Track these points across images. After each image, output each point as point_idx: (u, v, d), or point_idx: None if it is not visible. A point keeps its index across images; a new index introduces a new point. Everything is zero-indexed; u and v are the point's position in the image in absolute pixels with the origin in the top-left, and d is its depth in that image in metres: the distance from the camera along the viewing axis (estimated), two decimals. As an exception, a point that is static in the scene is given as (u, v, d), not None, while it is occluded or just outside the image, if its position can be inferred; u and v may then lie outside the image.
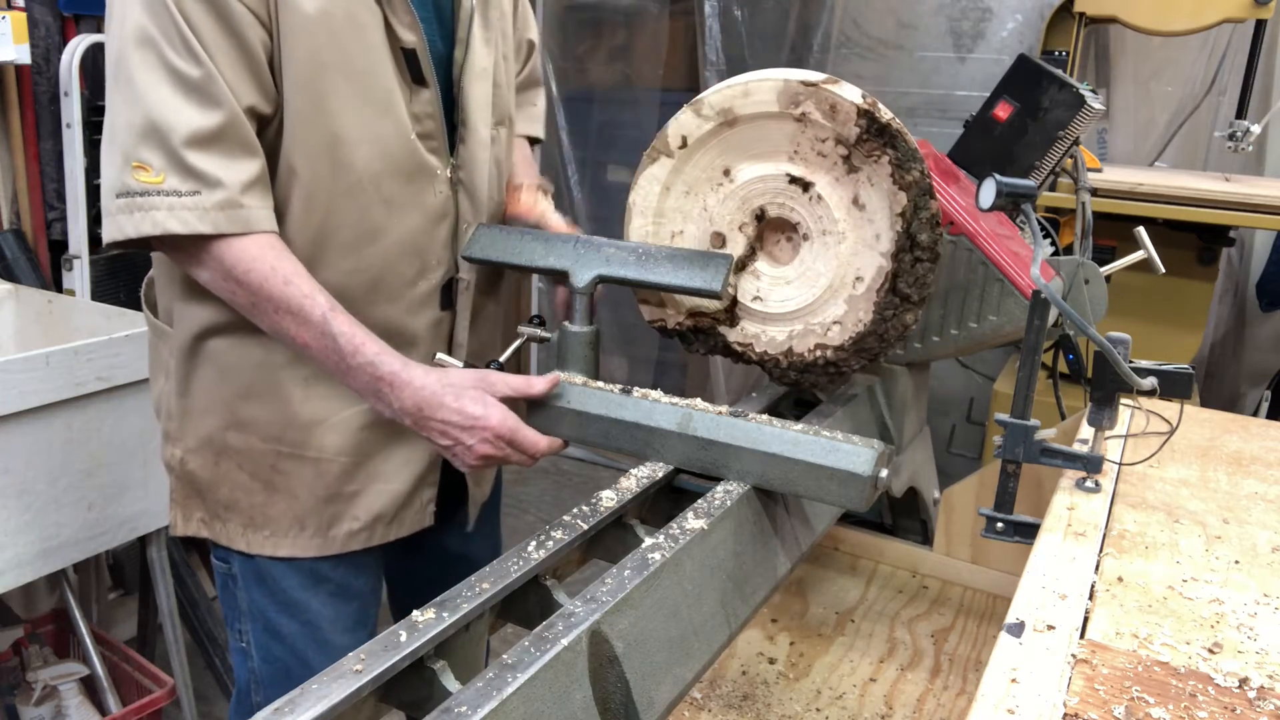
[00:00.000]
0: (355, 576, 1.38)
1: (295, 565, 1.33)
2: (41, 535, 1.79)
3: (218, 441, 1.29)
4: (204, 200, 1.10)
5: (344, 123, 1.17)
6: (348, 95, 1.17)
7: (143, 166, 1.09)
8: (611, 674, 0.82)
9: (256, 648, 1.38)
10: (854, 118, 1.13)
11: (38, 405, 1.73)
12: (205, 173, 1.10)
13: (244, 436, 1.28)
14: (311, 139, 1.17)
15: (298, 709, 0.68)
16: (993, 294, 1.35)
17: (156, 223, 1.09)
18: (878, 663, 1.41)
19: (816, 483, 1.03)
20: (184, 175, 1.09)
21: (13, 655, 2.18)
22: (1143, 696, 0.73)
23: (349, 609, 1.38)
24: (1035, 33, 3.15)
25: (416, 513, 1.38)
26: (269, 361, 1.26)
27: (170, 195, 1.09)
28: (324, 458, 1.29)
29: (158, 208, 1.09)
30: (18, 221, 2.32)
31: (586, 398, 1.15)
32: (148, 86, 1.08)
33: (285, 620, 1.36)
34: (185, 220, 1.10)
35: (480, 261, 1.32)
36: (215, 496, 1.33)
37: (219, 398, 1.28)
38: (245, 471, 1.30)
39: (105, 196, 1.13)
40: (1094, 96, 1.46)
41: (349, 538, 1.33)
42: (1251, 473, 1.21)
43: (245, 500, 1.31)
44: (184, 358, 1.29)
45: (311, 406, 1.28)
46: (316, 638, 1.36)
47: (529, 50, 1.59)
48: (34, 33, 2.25)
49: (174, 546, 2.33)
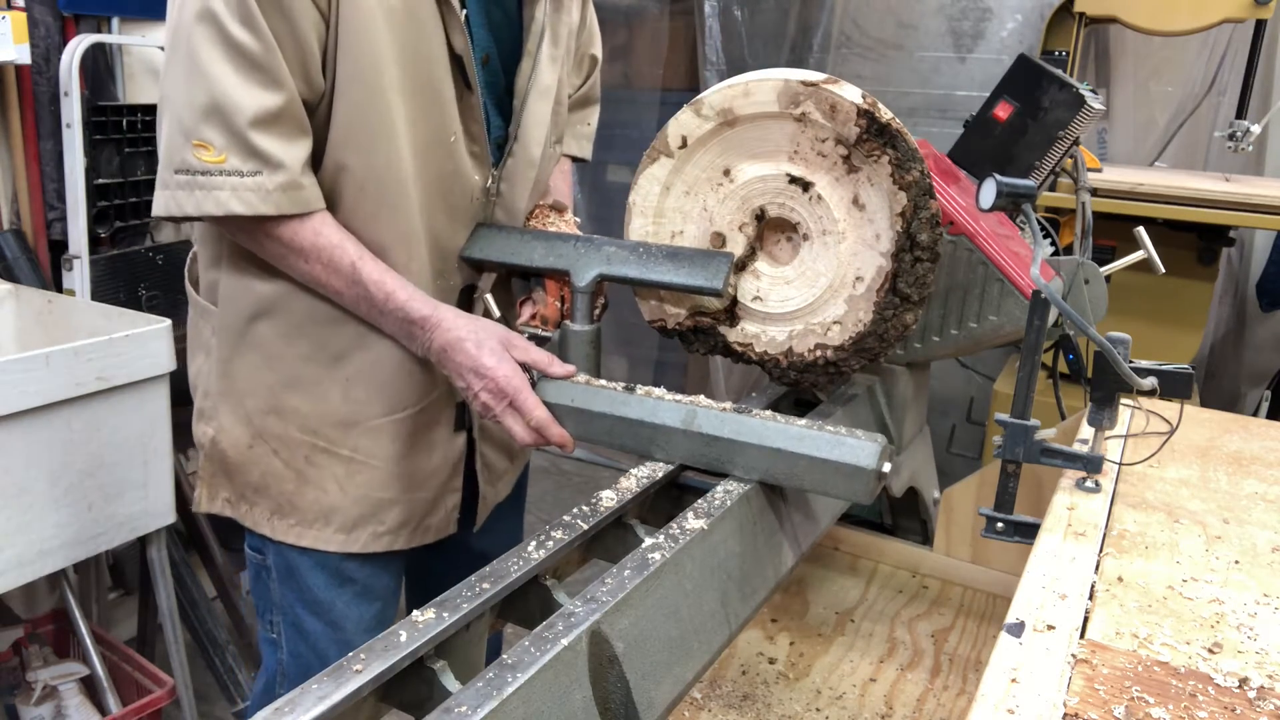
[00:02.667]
0: (379, 578, 1.40)
1: (323, 564, 1.35)
2: (41, 535, 1.79)
3: (256, 425, 1.31)
4: (266, 181, 1.12)
5: (398, 116, 1.18)
6: (403, 90, 1.18)
7: (204, 145, 1.10)
8: (611, 674, 0.82)
9: (286, 641, 1.41)
10: (854, 118, 1.13)
11: (38, 405, 1.73)
12: (268, 153, 1.11)
13: (283, 424, 1.30)
14: (366, 131, 1.17)
15: (298, 709, 0.68)
16: (993, 294, 1.35)
17: (220, 203, 1.11)
18: (878, 663, 1.41)
19: (821, 477, 1.03)
20: (246, 156, 1.11)
21: (13, 655, 2.18)
22: (1143, 696, 0.73)
23: (371, 610, 1.40)
24: (1035, 33, 3.16)
25: (442, 519, 1.39)
26: (315, 357, 1.28)
27: (233, 175, 1.11)
28: (356, 458, 1.31)
29: (220, 188, 1.11)
30: (18, 221, 2.32)
31: (590, 396, 1.15)
32: (210, 63, 1.09)
33: (311, 619, 1.37)
34: (249, 201, 1.12)
35: (480, 262, 1.31)
36: (245, 478, 1.34)
37: (262, 383, 1.29)
38: (280, 458, 1.31)
39: (163, 170, 1.14)
40: (1094, 96, 1.46)
41: (373, 539, 1.34)
42: (1251, 473, 1.21)
43: (275, 486, 1.32)
44: (229, 338, 1.29)
45: (350, 408, 1.29)
46: (339, 638, 1.38)
47: (591, 66, 1.59)
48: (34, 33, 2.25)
49: (174, 546, 2.33)
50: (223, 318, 1.29)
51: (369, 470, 1.31)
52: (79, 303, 2.19)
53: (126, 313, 2.02)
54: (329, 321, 1.26)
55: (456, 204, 1.28)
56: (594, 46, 1.58)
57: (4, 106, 2.27)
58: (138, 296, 2.49)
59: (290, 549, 1.34)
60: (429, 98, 1.20)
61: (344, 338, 1.26)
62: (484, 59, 1.27)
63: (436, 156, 1.23)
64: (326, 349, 1.27)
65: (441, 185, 1.25)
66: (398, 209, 1.22)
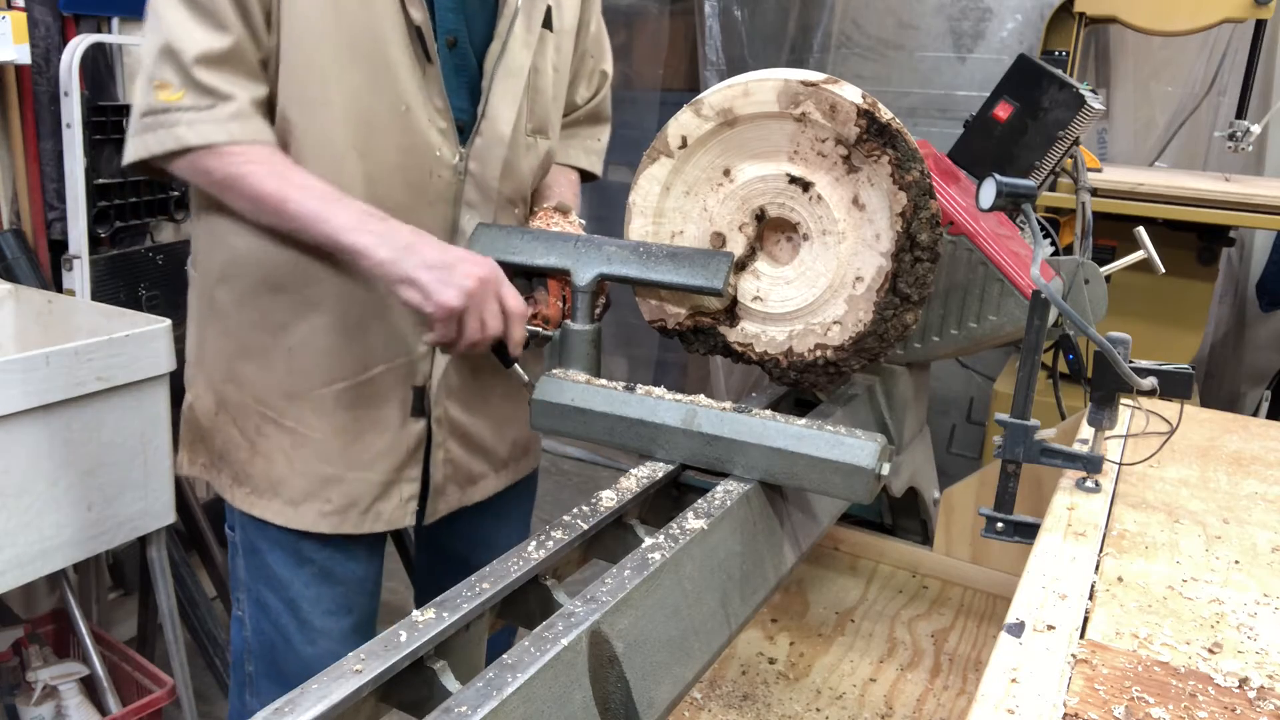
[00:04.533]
0: (340, 563, 1.40)
1: (281, 542, 1.37)
2: (41, 535, 1.79)
3: (218, 393, 1.36)
4: (219, 113, 1.16)
5: (333, 83, 1.20)
6: (343, 61, 1.20)
7: (163, 85, 1.16)
8: (611, 674, 0.82)
9: (250, 618, 1.44)
10: (854, 118, 1.13)
11: (38, 405, 1.73)
12: (217, 88, 1.16)
13: (239, 393, 1.34)
14: (304, 96, 1.21)
15: (298, 709, 0.67)
16: (993, 294, 1.35)
17: (178, 137, 1.16)
18: (878, 663, 1.41)
19: (821, 476, 1.03)
20: (199, 92, 1.16)
21: (13, 655, 2.18)
22: (1143, 696, 0.73)
23: (331, 593, 1.41)
24: (1035, 33, 3.16)
25: (396, 508, 1.39)
26: (262, 324, 1.31)
27: (189, 111, 1.16)
28: (299, 430, 1.33)
29: (178, 124, 1.16)
30: (18, 221, 2.31)
31: (590, 395, 1.15)
32: (165, 10, 1.16)
33: (270, 595, 1.40)
34: (202, 132, 1.16)
35: (480, 261, 1.31)
36: (212, 444, 1.40)
37: (222, 351, 1.35)
38: (237, 427, 1.36)
39: (132, 120, 1.19)
40: (1094, 96, 1.46)
41: (319, 518, 1.35)
42: (1251, 473, 1.21)
43: (233, 455, 1.37)
44: (200, 306, 1.37)
45: (293, 379, 1.32)
46: (297, 615, 1.40)
47: (600, 81, 1.59)
48: (34, 33, 2.25)
49: (174, 546, 2.33)
50: (198, 285, 1.37)
51: (312, 444, 1.34)
52: (79, 303, 2.19)
53: (126, 313, 2.02)
54: (272, 290, 1.29)
55: (416, 179, 1.28)
56: (604, 61, 1.58)
57: (4, 106, 2.27)
58: (138, 296, 2.49)
59: (251, 523, 1.38)
60: (376, 68, 1.22)
61: (285, 307, 1.30)
62: (449, 41, 1.28)
63: (385, 128, 1.24)
64: (271, 317, 1.30)
65: (396, 158, 1.26)
66: (340, 177, 1.23)
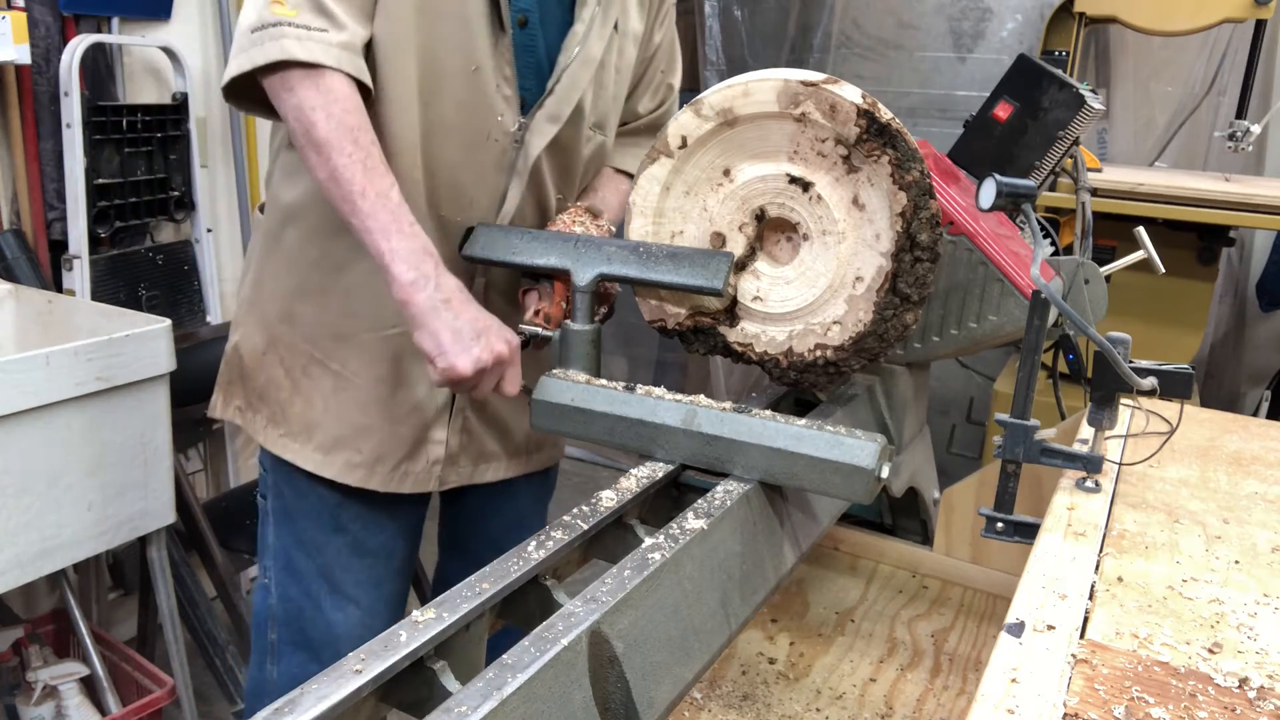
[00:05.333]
0: (372, 534, 1.44)
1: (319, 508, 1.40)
2: (41, 535, 1.79)
3: (271, 332, 1.39)
4: (331, 38, 1.17)
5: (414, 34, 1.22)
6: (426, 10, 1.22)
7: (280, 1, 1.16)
8: (611, 674, 0.82)
9: (276, 585, 1.46)
10: (854, 118, 1.13)
11: (37, 405, 1.73)
12: (335, 14, 1.17)
13: (291, 331, 1.37)
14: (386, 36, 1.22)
15: (298, 709, 0.68)
16: (993, 294, 1.35)
17: (284, 48, 1.15)
18: (878, 663, 1.41)
19: (821, 476, 1.03)
20: (316, 12, 1.17)
21: (13, 655, 2.18)
22: (1143, 696, 0.73)
23: (362, 564, 1.44)
24: (1035, 33, 3.16)
25: (422, 470, 1.42)
26: (321, 264, 1.34)
27: (301, 28, 1.16)
28: (344, 373, 1.36)
29: (286, 36, 1.15)
30: (18, 221, 2.32)
31: (590, 395, 1.15)
32: None
33: (304, 559, 1.43)
34: (310, 50, 1.15)
35: (481, 260, 1.32)
36: (253, 384, 1.42)
37: (281, 289, 1.37)
38: (283, 367, 1.38)
39: (239, 38, 1.19)
40: (1094, 96, 1.46)
41: (348, 468, 1.38)
42: (1251, 473, 1.21)
43: (274, 394, 1.39)
44: (266, 244, 1.39)
45: (347, 321, 1.34)
46: (330, 580, 1.43)
47: (666, 94, 1.59)
48: (34, 33, 2.25)
49: (174, 546, 2.33)
50: (265, 224, 1.39)
51: (353, 389, 1.36)
52: (79, 303, 2.19)
53: (126, 313, 2.02)
54: (335, 230, 1.30)
55: (473, 139, 1.30)
56: (673, 75, 1.59)
57: (4, 106, 2.27)
58: (138, 296, 2.49)
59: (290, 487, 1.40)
60: (454, 25, 1.24)
61: (345, 248, 1.31)
62: (520, 20, 1.30)
63: (453, 83, 1.26)
64: (330, 256, 1.33)
65: (459, 114, 1.28)
66: (401, 124, 1.25)
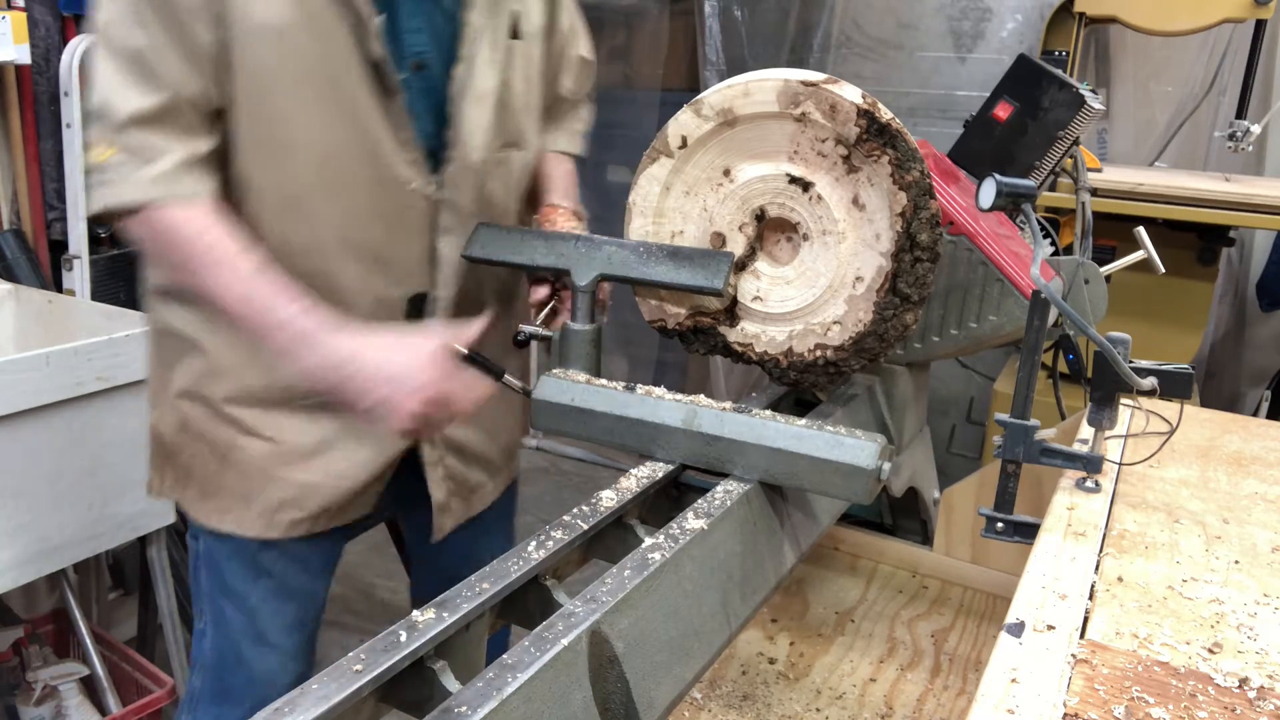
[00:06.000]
0: (297, 573, 1.39)
1: (239, 554, 1.35)
2: (41, 535, 1.79)
3: (182, 409, 1.33)
4: (146, 172, 1.15)
5: (298, 129, 1.18)
6: (304, 103, 1.18)
7: (97, 144, 1.16)
8: (611, 674, 0.82)
9: (211, 632, 1.42)
10: (854, 118, 1.13)
11: (38, 405, 1.73)
12: (143, 147, 1.15)
13: (207, 410, 1.32)
14: (266, 145, 1.19)
15: (297, 709, 0.68)
16: (993, 294, 1.35)
17: (103, 199, 1.16)
18: (878, 663, 1.41)
19: (821, 476, 1.03)
20: (127, 151, 1.15)
21: (13, 655, 2.17)
22: (1143, 696, 0.73)
23: (288, 608, 1.40)
24: (1035, 33, 3.15)
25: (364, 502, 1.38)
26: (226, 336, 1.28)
27: (119, 169, 1.15)
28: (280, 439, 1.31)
29: (109, 183, 1.15)
30: (18, 221, 2.32)
31: (590, 395, 1.15)
32: (101, 68, 1.16)
33: (229, 608, 1.38)
34: (120, 193, 1.15)
35: (481, 260, 1.31)
36: (178, 461, 1.36)
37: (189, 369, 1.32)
38: (205, 442, 1.33)
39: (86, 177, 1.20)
40: (1094, 96, 1.46)
41: (292, 525, 1.34)
42: (1251, 473, 1.21)
43: (200, 469, 1.34)
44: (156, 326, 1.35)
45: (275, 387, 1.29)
46: (254, 630, 1.38)
47: (581, 67, 1.56)
48: (34, 33, 2.25)
49: (174, 546, 2.33)
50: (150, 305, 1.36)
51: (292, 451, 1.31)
52: (79, 303, 2.19)
53: (126, 313, 2.02)
54: None
55: (390, 211, 1.26)
56: (580, 48, 1.54)
57: (4, 106, 2.27)
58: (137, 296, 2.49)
59: (211, 536, 1.36)
60: (340, 108, 1.19)
61: None
62: (414, 65, 1.24)
63: (355, 166, 1.22)
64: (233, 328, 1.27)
65: (368, 194, 1.24)
66: (309, 219, 1.22)
